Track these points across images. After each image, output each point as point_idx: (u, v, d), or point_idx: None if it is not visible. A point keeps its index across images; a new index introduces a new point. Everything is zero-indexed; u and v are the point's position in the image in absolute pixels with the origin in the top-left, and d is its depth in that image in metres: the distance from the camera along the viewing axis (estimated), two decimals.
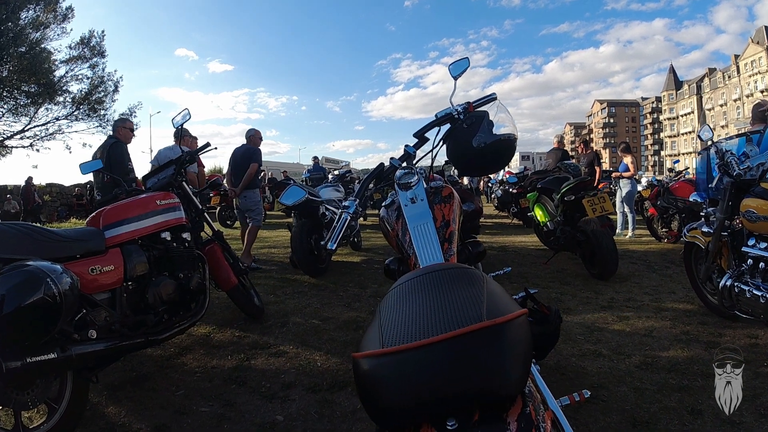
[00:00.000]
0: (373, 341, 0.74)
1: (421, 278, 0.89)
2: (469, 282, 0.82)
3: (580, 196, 4.26)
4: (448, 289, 0.82)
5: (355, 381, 0.73)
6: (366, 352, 0.71)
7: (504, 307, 0.73)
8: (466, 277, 0.85)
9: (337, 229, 1.36)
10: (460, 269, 0.89)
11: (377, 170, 1.62)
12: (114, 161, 3.97)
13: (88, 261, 2.02)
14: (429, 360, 0.64)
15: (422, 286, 0.86)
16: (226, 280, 2.83)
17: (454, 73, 1.83)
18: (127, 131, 4.32)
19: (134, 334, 2.09)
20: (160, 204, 2.39)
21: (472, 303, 0.73)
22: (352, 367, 0.73)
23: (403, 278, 0.94)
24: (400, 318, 0.76)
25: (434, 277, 0.88)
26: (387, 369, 0.67)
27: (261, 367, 2.43)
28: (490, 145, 1.63)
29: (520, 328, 0.69)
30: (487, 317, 0.68)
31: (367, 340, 0.77)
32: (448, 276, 0.87)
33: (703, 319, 3.09)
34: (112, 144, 4.12)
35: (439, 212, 1.46)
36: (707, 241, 3.02)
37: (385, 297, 0.90)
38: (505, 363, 0.65)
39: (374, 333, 0.76)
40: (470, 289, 0.79)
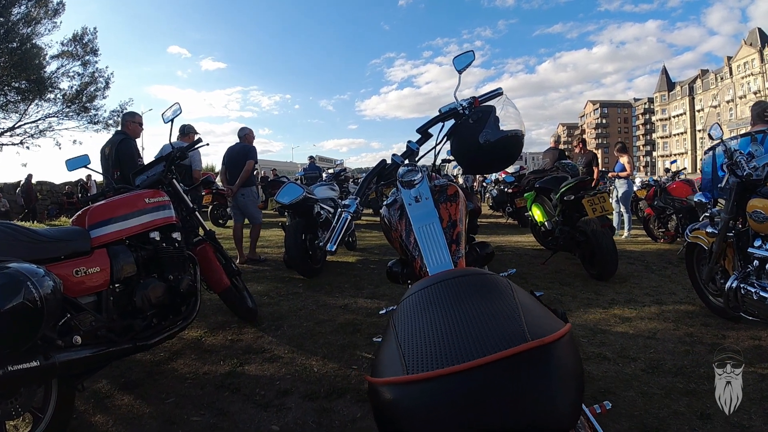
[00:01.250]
0: (393, 364, 0.63)
1: (439, 287, 0.78)
2: (497, 291, 0.73)
3: (579, 196, 4.21)
4: (474, 300, 0.71)
5: (373, 412, 0.63)
6: (387, 379, 0.61)
7: (545, 321, 0.64)
8: (492, 285, 0.76)
9: (337, 230, 1.28)
10: (483, 276, 0.80)
11: (379, 168, 1.53)
12: (123, 157, 3.86)
13: (72, 262, 1.92)
14: (466, 389, 0.54)
15: (442, 297, 0.75)
16: (218, 282, 2.72)
17: (458, 67, 1.75)
18: (136, 126, 4.20)
19: (121, 340, 1.99)
20: (148, 202, 2.28)
21: (507, 317, 0.64)
22: (369, 395, 0.64)
23: (416, 286, 0.84)
24: (423, 336, 0.65)
25: (454, 286, 0.77)
26: (415, 400, 0.57)
27: (255, 372, 2.33)
28: (497, 141, 1.55)
29: (570, 347, 0.60)
30: (530, 335, 0.58)
31: (385, 363, 0.67)
32: (470, 284, 0.77)
33: (705, 320, 3.06)
34: (122, 140, 4.00)
35: (445, 212, 1.37)
36: (711, 242, 2.98)
37: (398, 309, 0.80)
38: (559, 392, 0.55)
39: (393, 354, 0.66)
40: (500, 300, 0.69)
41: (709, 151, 2.86)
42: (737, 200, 2.65)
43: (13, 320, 1.45)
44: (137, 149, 4.12)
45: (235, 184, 5.02)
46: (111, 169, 3.89)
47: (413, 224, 1.34)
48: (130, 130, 4.14)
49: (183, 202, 2.70)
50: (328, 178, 7.28)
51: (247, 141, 5.35)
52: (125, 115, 4.31)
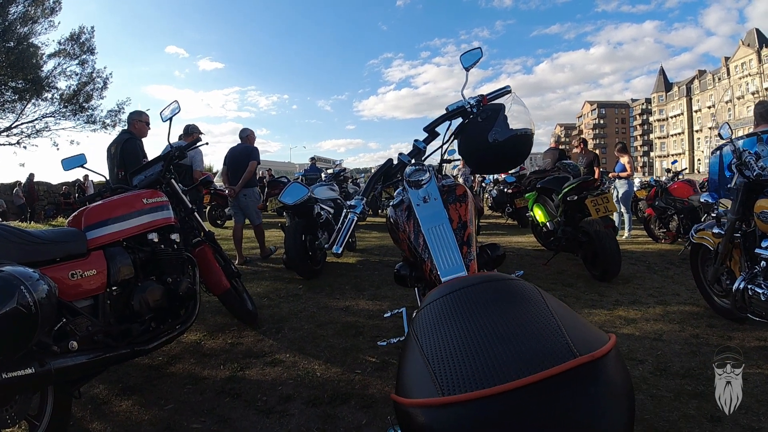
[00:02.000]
0: (424, 384, 0.57)
1: (463, 294, 0.73)
2: (527, 298, 0.68)
3: (582, 197, 4.17)
4: (505, 309, 0.66)
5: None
6: (420, 401, 0.56)
7: (587, 332, 0.59)
8: (521, 291, 0.70)
9: (343, 231, 1.23)
10: (510, 281, 0.74)
11: (385, 167, 1.49)
12: (127, 157, 3.78)
13: (68, 265, 1.87)
14: (513, 412, 0.49)
15: (469, 305, 0.69)
16: (217, 284, 2.66)
17: (465, 64, 1.71)
18: (143, 125, 4.10)
19: (119, 345, 1.93)
20: (146, 203, 2.22)
21: (547, 329, 0.58)
22: (398, 417, 0.58)
23: (436, 293, 0.78)
24: (455, 351, 0.59)
25: (480, 293, 0.72)
26: (455, 424, 0.51)
27: (256, 377, 2.28)
28: (507, 140, 1.51)
29: (620, 361, 0.55)
30: (577, 349, 0.53)
31: (413, 382, 0.61)
32: (497, 290, 0.72)
33: (710, 321, 3.04)
34: (127, 139, 3.92)
35: (455, 212, 1.33)
36: (717, 243, 2.96)
37: (418, 318, 0.74)
38: (613, 411, 0.50)
39: (421, 372, 0.60)
40: (533, 309, 0.64)
41: (716, 151, 2.83)
42: (744, 200, 2.62)
43: (6, 326, 1.39)
44: (142, 149, 4.03)
45: (238, 185, 5.01)
46: (116, 169, 3.82)
47: (422, 226, 1.29)
48: (136, 129, 4.05)
49: (182, 202, 2.65)
50: (328, 179, 7.23)
51: (249, 142, 5.34)
52: (132, 114, 4.19)
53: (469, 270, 1.17)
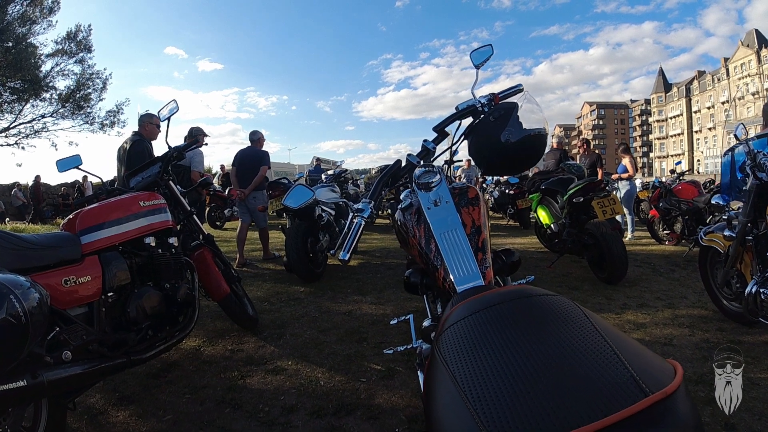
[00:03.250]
0: (462, 420, 0.50)
1: (496, 312, 0.64)
2: (570, 318, 0.60)
3: (589, 198, 4.10)
4: (548, 331, 0.58)
5: None
6: None
7: (648, 360, 0.51)
8: (561, 309, 0.62)
9: (350, 237, 1.16)
10: (547, 297, 0.66)
11: (393, 168, 1.41)
12: (135, 159, 3.75)
13: (61, 271, 1.79)
14: None
15: (504, 327, 0.61)
16: (217, 289, 2.58)
17: (476, 62, 1.64)
18: (153, 127, 4.11)
19: (114, 354, 1.86)
20: (143, 205, 2.14)
21: (603, 358, 0.50)
22: None
23: (462, 310, 0.70)
24: (498, 384, 0.51)
25: (517, 312, 0.63)
26: None
27: (257, 386, 2.20)
28: (520, 140, 1.44)
29: (689, 395, 0.48)
30: (646, 385, 0.45)
31: (450, 423, 0.52)
32: (535, 308, 0.64)
33: (720, 325, 2.98)
34: (135, 141, 3.93)
35: (468, 216, 1.26)
36: (727, 245, 2.90)
37: (445, 340, 0.65)
38: None
39: (459, 410, 0.52)
40: (581, 332, 0.56)
41: (728, 152, 2.76)
42: (756, 203, 2.56)
43: None
44: (150, 151, 4.01)
45: (248, 188, 5.09)
46: (124, 170, 3.80)
47: (434, 231, 1.22)
48: (146, 132, 4.06)
49: (180, 204, 2.57)
50: (328, 180, 7.16)
51: (260, 144, 5.42)
52: (143, 116, 4.22)
53: (485, 278, 1.10)
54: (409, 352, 1.40)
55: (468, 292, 0.98)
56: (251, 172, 5.11)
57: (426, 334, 1.22)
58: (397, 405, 1.97)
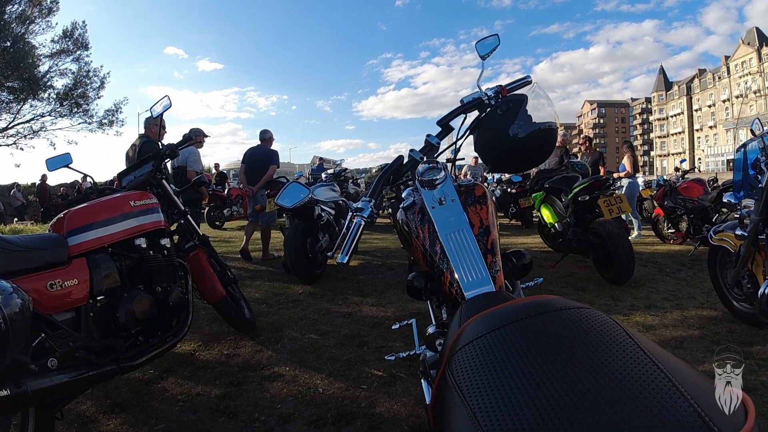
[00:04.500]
0: None
1: (519, 330, 0.55)
2: (611, 339, 0.50)
3: (594, 196, 4.00)
4: (586, 354, 0.48)
5: None
6: None
7: (704, 387, 0.43)
8: (598, 327, 0.53)
9: (349, 238, 1.07)
10: (579, 311, 0.57)
11: (395, 165, 1.32)
12: None
13: (46, 274, 1.70)
14: None
15: (532, 348, 0.51)
16: (212, 292, 2.49)
17: (481, 52, 1.55)
18: (158, 128, 4.20)
19: (103, 361, 1.77)
20: (134, 205, 2.05)
21: (658, 389, 0.42)
22: None
23: (477, 326, 0.61)
24: (525, 423, 0.42)
25: (544, 329, 0.54)
26: None
27: (253, 394, 2.11)
28: (530, 135, 1.34)
29: None
30: (714, 424, 0.38)
31: None
32: (566, 325, 0.54)
33: (730, 327, 2.91)
34: (144, 143, 4.03)
35: (475, 216, 1.17)
36: (738, 245, 2.81)
37: (459, 362, 0.56)
38: None
39: None
40: (626, 355, 0.47)
41: (740, 149, 2.67)
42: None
43: None
44: None
45: (256, 186, 5.23)
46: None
47: (439, 231, 1.13)
48: (152, 133, 4.17)
49: (174, 204, 2.48)
50: (328, 179, 7.07)
51: (270, 144, 5.56)
52: (148, 118, 4.34)
53: (495, 283, 1.01)
54: (412, 358, 1.31)
55: (478, 300, 0.89)
56: (260, 171, 5.23)
57: (430, 341, 1.13)
58: (400, 414, 1.88)
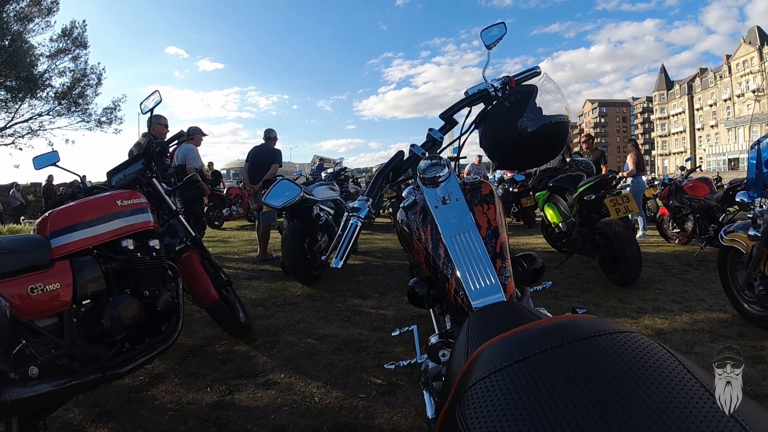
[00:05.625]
0: None
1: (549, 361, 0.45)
2: (666, 373, 0.41)
3: (601, 196, 3.89)
4: (638, 395, 0.39)
5: None
6: None
7: None
8: (647, 356, 0.44)
9: (344, 241, 0.98)
10: (620, 336, 0.47)
11: (395, 161, 1.22)
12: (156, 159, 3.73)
13: (27, 278, 1.61)
14: None
15: (569, 387, 0.41)
16: (204, 295, 2.39)
17: (487, 42, 1.45)
18: (161, 128, 4.31)
19: (87, 369, 1.68)
20: (122, 205, 1.95)
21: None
22: None
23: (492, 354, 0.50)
24: None
25: (581, 359, 0.44)
26: None
27: (246, 402, 2.01)
28: (541, 128, 1.24)
29: None
30: None
31: None
32: (609, 354, 0.44)
33: (740, 330, 2.82)
34: (149, 142, 3.93)
35: (482, 216, 1.07)
36: (751, 246, 2.72)
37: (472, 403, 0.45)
38: None
39: None
40: (689, 396, 0.38)
41: (754, 146, 2.57)
42: None
43: None
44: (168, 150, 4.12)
45: (258, 184, 5.23)
46: None
47: (443, 233, 1.03)
48: (156, 132, 4.19)
49: (165, 204, 2.38)
50: (327, 178, 6.97)
51: (273, 143, 5.55)
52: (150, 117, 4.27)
53: (506, 291, 0.91)
54: (413, 367, 1.21)
55: (487, 311, 0.80)
56: (263, 169, 5.24)
57: (433, 352, 1.03)
58: (400, 426, 1.78)
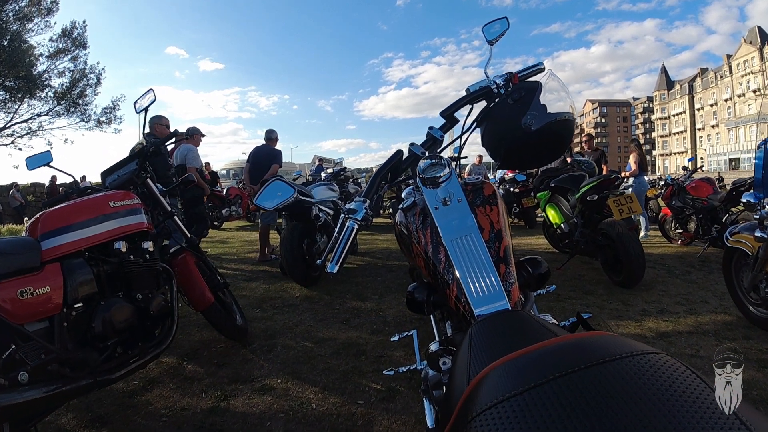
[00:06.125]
0: None
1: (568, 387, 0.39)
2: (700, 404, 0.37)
3: (603, 196, 3.84)
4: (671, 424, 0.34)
5: None
6: None
7: None
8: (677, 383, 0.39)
9: (340, 244, 0.93)
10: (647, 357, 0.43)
11: (393, 160, 1.18)
12: (155, 159, 3.73)
13: (16, 281, 1.57)
14: None
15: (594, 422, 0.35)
16: (199, 298, 2.34)
17: (489, 37, 1.40)
18: (164, 128, 4.37)
19: (78, 375, 1.63)
20: (114, 206, 1.90)
21: None
22: None
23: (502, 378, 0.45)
24: None
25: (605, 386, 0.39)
26: None
27: (242, 409, 1.96)
28: (545, 127, 1.20)
29: None
30: None
31: None
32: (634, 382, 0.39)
33: (746, 333, 2.77)
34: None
35: (485, 218, 1.02)
36: (757, 247, 2.67)
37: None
38: None
39: None
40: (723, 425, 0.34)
41: (761, 145, 2.52)
42: None
43: None
44: (167, 150, 4.34)
45: (258, 185, 5.23)
46: None
47: (443, 236, 0.99)
48: (158, 133, 4.26)
49: (159, 205, 2.34)
50: (327, 178, 6.92)
51: (273, 144, 5.56)
52: (153, 118, 4.46)
53: (511, 298, 0.87)
54: (412, 372, 1.16)
55: (491, 320, 0.75)
56: (264, 170, 5.24)
57: (433, 360, 0.99)
58: None
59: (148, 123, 4.41)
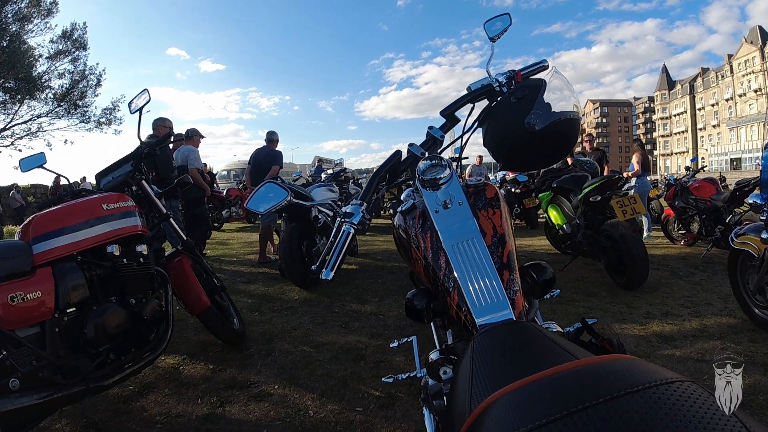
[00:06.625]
0: None
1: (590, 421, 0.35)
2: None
3: (607, 197, 3.79)
4: None
5: None
6: None
7: None
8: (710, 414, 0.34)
9: (336, 249, 0.89)
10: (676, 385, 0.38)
11: (392, 161, 1.13)
12: (159, 158, 3.86)
13: (7, 286, 1.54)
14: None
15: None
16: (196, 302, 2.29)
17: (491, 34, 1.35)
18: (166, 130, 4.40)
19: (71, 381, 1.60)
20: (107, 209, 1.86)
21: None
22: None
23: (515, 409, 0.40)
24: None
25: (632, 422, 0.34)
26: None
27: (238, 416, 1.92)
28: (550, 126, 1.15)
29: None
30: None
31: None
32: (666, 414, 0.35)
33: (751, 336, 2.72)
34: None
35: (487, 222, 0.98)
36: (763, 249, 2.62)
37: None
38: None
39: None
40: None
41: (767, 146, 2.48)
42: None
43: None
44: (170, 151, 4.42)
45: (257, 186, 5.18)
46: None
47: (443, 241, 0.94)
48: (161, 134, 4.27)
49: (155, 207, 2.29)
50: (327, 179, 6.89)
51: (274, 145, 5.59)
52: (156, 120, 4.56)
53: (515, 307, 0.82)
54: (412, 379, 1.12)
55: (495, 332, 0.70)
56: (265, 171, 5.24)
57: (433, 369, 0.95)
58: None
59: (152, 125, 4.55)
